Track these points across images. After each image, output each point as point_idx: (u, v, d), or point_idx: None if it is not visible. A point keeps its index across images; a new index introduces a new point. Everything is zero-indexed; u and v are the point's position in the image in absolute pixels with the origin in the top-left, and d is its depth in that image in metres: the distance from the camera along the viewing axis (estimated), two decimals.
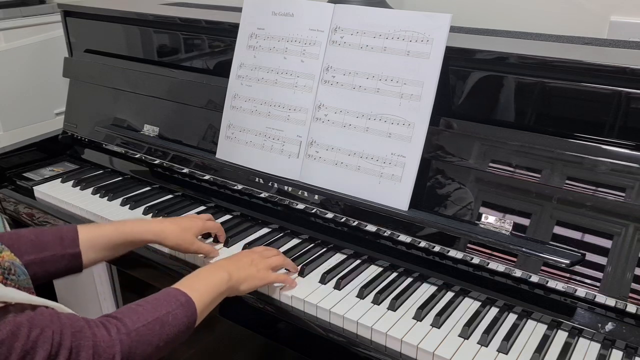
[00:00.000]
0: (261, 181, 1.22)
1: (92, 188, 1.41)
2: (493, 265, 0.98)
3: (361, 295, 1.00)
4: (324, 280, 1.04)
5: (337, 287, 1.02)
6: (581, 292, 0.91)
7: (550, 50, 1.04)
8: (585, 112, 0.94)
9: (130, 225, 1.03)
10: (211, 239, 1.17)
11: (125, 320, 0.77)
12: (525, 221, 0.97)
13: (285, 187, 1.18)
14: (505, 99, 1.01)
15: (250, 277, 0.97)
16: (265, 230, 1.22)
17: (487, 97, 1.02)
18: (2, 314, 0.65)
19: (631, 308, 0.87)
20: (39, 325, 0.67)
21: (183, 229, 1.06)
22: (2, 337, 0.64)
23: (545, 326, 0.93)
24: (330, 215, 1.14)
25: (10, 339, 0.64)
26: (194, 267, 1.12)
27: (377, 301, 0.98)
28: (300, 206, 1.17)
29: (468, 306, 0.98)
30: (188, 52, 1.42)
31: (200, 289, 0.89)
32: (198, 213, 1.29)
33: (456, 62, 1.04)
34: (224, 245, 1.16)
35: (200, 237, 1.13)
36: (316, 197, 1.14)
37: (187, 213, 1.28)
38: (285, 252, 1.10)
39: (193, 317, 0.85)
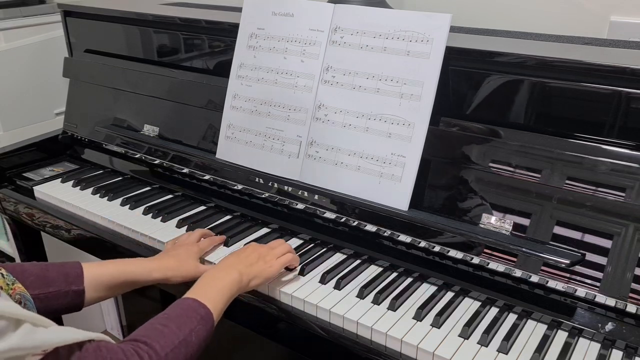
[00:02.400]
0: (261, 181, 1.22)
1: (92, 188, 1.41)
2: (493, 265, 0.98)
3: (361, 295, 1.00)
4: (324, 280, 1.04)
5: (337, 287, 1.02)
6: (581, 292, 0.91)
7: (550, 50, 1.04)
8: (585, 112, 0.94)
9: (134, 265, 1.03)
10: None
11: (155, 347, 0.78)
12: (525, 221, 0.97)
13: (285, 187, 1.18)
14: (505, 99, 1.00)
15: (260, 272, 0.98)
16: (265, 230, 1.22)
17: (487, 97, 1.02)
18: (54, 358, 0.67)
19: (631, 308, 0.87)
20: None
21: (183, 261, 1.05)
22: None
23: (545, 326, 0.93)
24: (330, 215, 1.14)
25: None
26: None
27: (377, 301, 0.98)
28: (300, 206, 1.17)
29: (468, 306, 0.98)
30: (188, 52, 1.42)
31: (216, 297, 0.90)
32: (198, 213, 1.29)
33: (456, 62, 1.04)
34: (224, 245, 1.16)
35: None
36: (316, 197, 1.14)
37: (187, 213, 1.29)
38: None
39: (211, 329, 0.87)
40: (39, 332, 0.65)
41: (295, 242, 1.18)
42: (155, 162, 1.41)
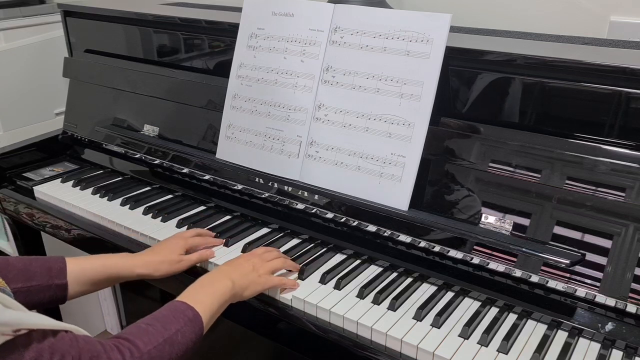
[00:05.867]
0: (261, 181, 1.22)
1: (92, 188, 1.41)
2: (493, 265, 0.98)
3: (361, 295, 1.00)
4: (324, 280, 1.04)
5: (337, 287, 1.02)
6: (581, 292, 0.91)
7: (550, 50, 1.04)
8: (585, 112, 0.94)
9: (117, 260, 1.03)
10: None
11: (137, 343, 0.78)
12: (525, 221, 0.97)
13: (285, 187, 1.18)
14: (505, 99, 1.01)
15: (252, 283, 0.98)
16: (265, 231, 1.22)
17: (487, 97, 1.02)
18: (26, 341, 0.66)
19: (631, 308, 0.87)
20: (60, 351, 0.69)
21: (166, 256, 1.06)
22: None
23: (545, 326, 0.93)
24: (330, 215, 1.14)
25: None
26: (192, 270, 1.11)
27: (377, 301, 0.98)
28: (300, 206, 1.17)
29: (468, 306, 0.98)
30: (188, 52, 1.42)
31: (206, 300, 0.90)
32: (198, 213, 1.29)
33: (456, 62, 1.04)
34: (224, 245, 1.16)
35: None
36: (316, 197, 1.14)
37: (187, 213, 1.29)
38: (285, 252, 1.11)
39: (200, 331, 0.86)
40: (9, 312, 0.65)
41: (295, 242, 1.18)
42: (155, 162, 1.41)
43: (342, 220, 1.12)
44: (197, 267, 1.11)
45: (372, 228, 1.09)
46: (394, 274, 1.06)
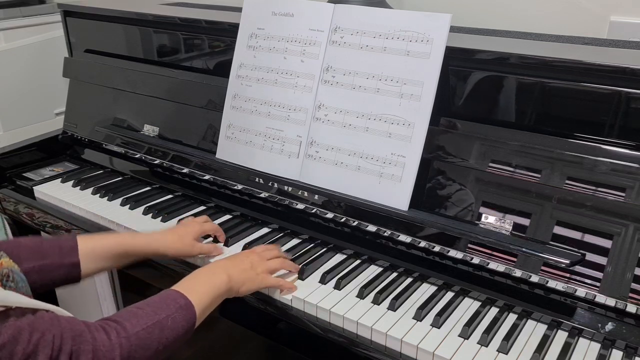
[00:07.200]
0: (261, 181, 1.22)
1: (92, 188, 1.41)
2: (493, 265, 0.98)
3: (361, 295, 1.00)
4: (324, 280, 1.04)
5: (337, 287, 1.02)
6: (581, 292, 0.91)
7: (550, 50, 1.04)
8: (585, 112, 0.94)
9: (131, 237, 1.04)
10: (210, 239, 1.17)
11: (125, 324, 0.77)
12: (525, 221, 0.97)
13: (285, 187, 1.18)
14: (505, 99, 1.01)
15: (249, 280, 0.97)
16: (265, 230, 1.22)
17: (487, 97, 1.02)
18: (3, 318, 0.65)
19: (631, 308, 0.87)
20: (40, 329, 0.68)
21: (181, 236, 1.08)
22: (3, 341, 0.64)
23: (545, 326, 0.93)
24: (330, 215, 1.14)
25: (11, 343, 0.65)
26: (194, 267, 1.12)
27: (377, 301, 0.98)
28: (300, 206, 1.17)
29: (468, 306, 0.98)
30: (188, 52, 1.42)
31: (200, 291, 0.89)
32: (198, 213, 1.29)
33: (456, 62, 1.04)
34: (224, 245, 1.16)
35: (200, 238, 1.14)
36: (316, 197, 1.14)
37: (187, 213, 1.29)
38: (285, 252, 1.10)
39: (192, 320, 0.86)
40: None
41: (295, 242, 1.18)
42: (155, 162, 1.41)
43: (342, 220, 1.12)
44: (198, 263, 1.11)
45: (372, 228, 1.09)
46: (394, 274, 1.06)
